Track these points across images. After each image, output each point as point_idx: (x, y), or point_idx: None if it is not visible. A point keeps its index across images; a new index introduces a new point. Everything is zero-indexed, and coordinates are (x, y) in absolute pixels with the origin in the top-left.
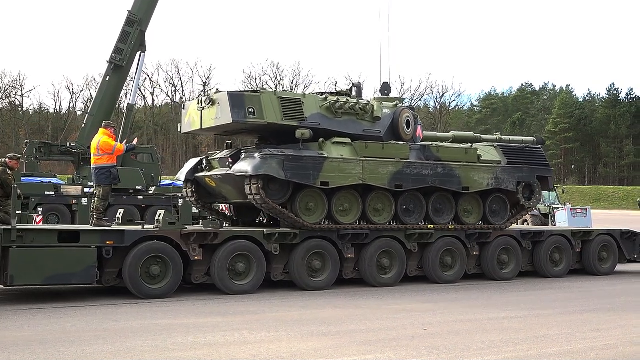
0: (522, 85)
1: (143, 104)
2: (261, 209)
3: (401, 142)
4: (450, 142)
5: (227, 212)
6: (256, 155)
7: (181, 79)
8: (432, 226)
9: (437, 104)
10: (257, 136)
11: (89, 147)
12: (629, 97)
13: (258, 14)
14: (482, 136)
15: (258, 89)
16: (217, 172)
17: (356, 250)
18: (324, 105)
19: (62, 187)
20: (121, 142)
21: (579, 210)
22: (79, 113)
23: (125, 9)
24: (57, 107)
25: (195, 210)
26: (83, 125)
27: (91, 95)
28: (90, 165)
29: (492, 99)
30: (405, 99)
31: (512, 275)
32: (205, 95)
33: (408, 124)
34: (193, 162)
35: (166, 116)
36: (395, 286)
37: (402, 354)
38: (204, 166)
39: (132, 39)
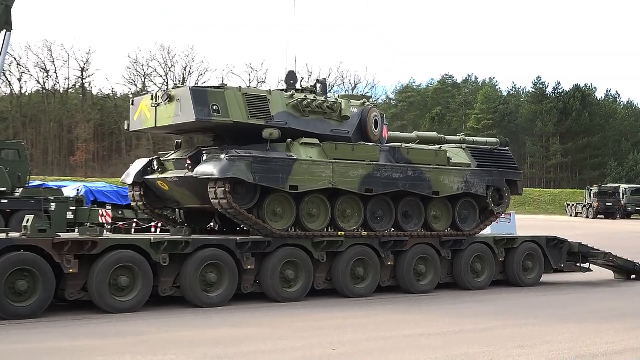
0: (443, 77)
1: (9, 91)
2: (226, 214)
3: (371, 144)
4: (415, 143)
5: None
6: (222, 156)
7: (54, 63)
8: (342, 233)
9: None
10: (212, 135)
11: None
12: (556, 91)
13: None
14: (446, 137)
15: (221, 85)
16: (172, 174)
17: (257, 261)
18: (291, 103)
19: None
20: None
21: (502, 216)
22: None
23: None
24: None
25: (70, 215)
26: None
27: None
28: None
29: (410, 91)
30: (370, 96)
31: (430, 287)
32: (161, 91)
33: (376, 123)
34: (141, 163)
35: (37, 106)
36: (301, 301)
37: None
38: (155, 168)
39: None
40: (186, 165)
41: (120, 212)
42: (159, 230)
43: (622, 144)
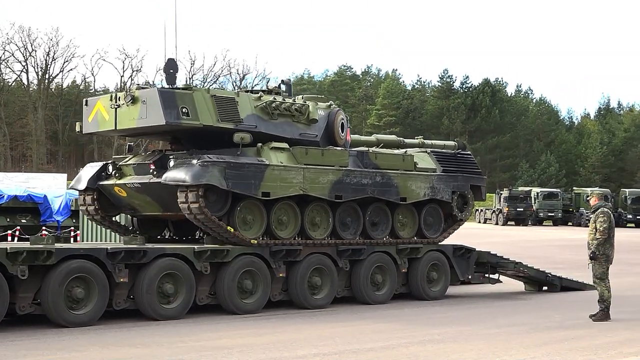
0: (340, 68)
1: None
2: (196, 223)
3: (339, 148)
4: (379, 147)
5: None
6: (194, 162)
7: None
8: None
9: (236, 87)
10: (170, 138)
11: None
12: (463, 86)
13: None
14: (405, 140)
15: (187, 86)
16: (133, 180)
17: (131, 273)
18: (259, 106)
19: None
20: None
21: None
22: None
23: None
24: None
25: None
26: None
27: None
28: None
29: (304, 83)
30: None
31: (326, 301)
32: (125, 91)
33: (342, 127)
34: (94, 167)
35: None
36: (181, 318)
37: None
38: (110, 173)
39: None
40: (150, 170)
41: None
42: (16, 239)
43: (534, 144)
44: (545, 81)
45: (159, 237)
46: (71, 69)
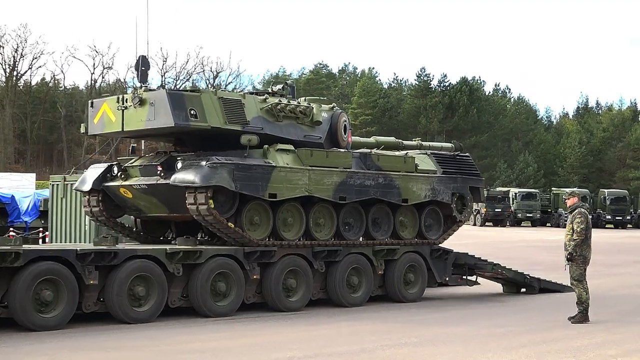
0: (316, 66)
1: None
2: (205, 224)
3: (342, 150)
4: (379, 149)
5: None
6: (203, 163)
7: None
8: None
9: (209, 85)
10: (173, 140)
11: None
12: (441, 84)
13: None
14: (404, 142)
15: (194, 88)
16: (140, 181)
17: (101, 275)
18: (265, 108)
19: None
20: None
21: None
22: None
23: None
24: None
25: None
26: None
27: None
28: None
29: (280, 81)
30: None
31: (301, 304)
32: (132, 93)
33: (345, 129)
34: (99, 169)
35: None
36: (152, 321)
37: None
38: (116, 174)
39: None
40: (157, 172)
41: None
42: None
43: (513, 144)
44: (523, 80)
45: (162, 238)
46: (40, 66)
